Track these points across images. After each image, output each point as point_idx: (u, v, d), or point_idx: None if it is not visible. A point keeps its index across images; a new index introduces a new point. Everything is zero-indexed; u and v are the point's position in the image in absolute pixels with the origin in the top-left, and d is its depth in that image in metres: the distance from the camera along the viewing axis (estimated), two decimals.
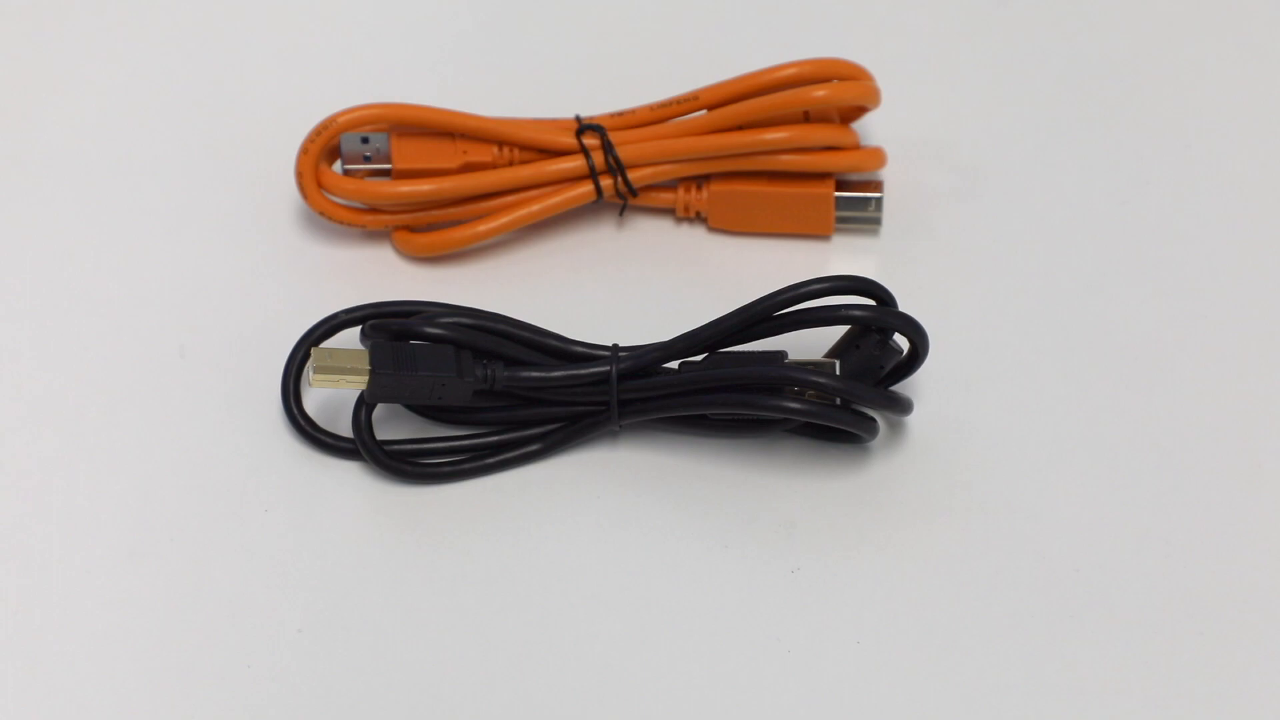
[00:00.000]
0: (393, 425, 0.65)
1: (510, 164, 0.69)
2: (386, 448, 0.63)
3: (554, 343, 0.64)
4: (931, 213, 0.70)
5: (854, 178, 0.69)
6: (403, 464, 0.63)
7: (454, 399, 0.63)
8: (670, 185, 0.70)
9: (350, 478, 0.64)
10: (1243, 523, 0.63)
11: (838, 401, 0.62)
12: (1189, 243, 0.70)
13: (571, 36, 0.76)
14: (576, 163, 0.68)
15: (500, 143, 0.68)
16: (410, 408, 0.65)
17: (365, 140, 0.68)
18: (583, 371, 0.63)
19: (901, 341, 0.63)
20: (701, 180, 0.69)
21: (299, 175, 0.68)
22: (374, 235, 0.69)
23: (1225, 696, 0.59)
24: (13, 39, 0.75)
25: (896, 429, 0.65)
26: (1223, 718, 0.59)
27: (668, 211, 0.70)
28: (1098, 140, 0.72)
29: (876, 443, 0.64)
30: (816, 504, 0.63)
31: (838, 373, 0.63)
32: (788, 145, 0.68)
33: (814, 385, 0.61)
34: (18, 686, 0.59)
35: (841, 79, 0.68)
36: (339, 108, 0.68)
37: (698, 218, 0.70)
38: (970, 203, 0.71)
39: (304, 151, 0.68)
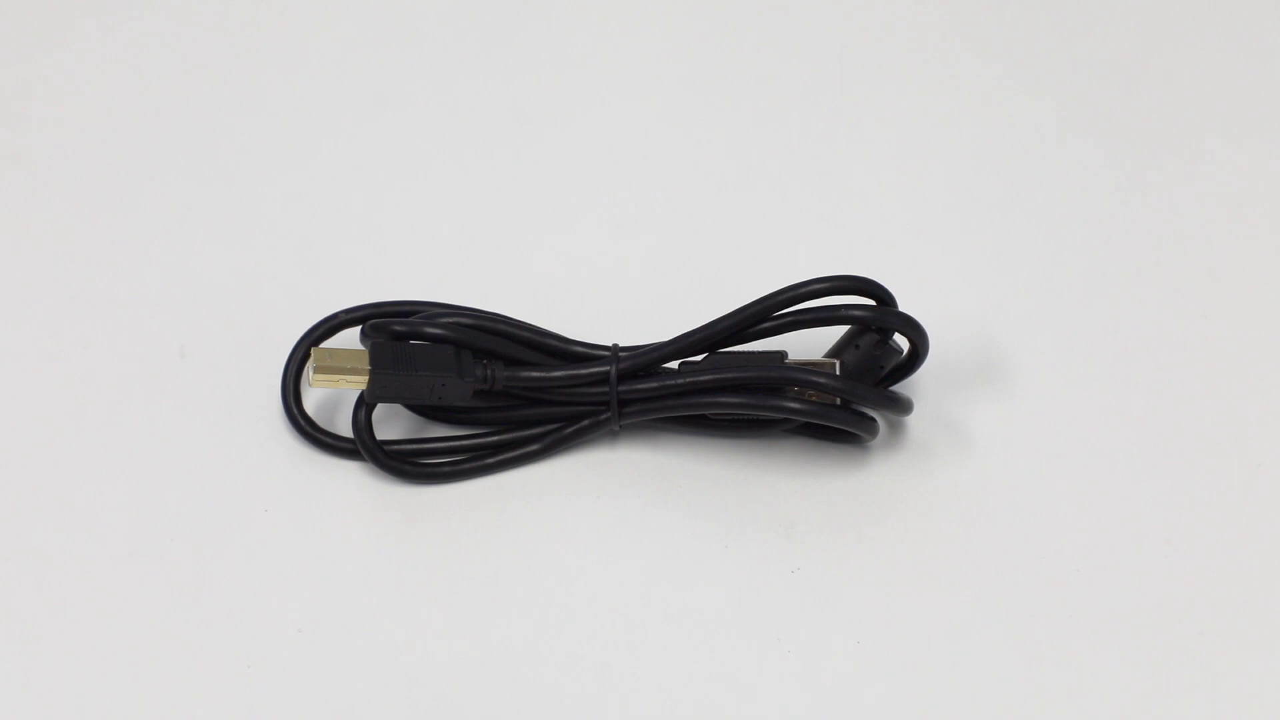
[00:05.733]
0: (393, 425, 0.65)
1: None
2: (386, 448, 0.63)
3: (554, 343, 0.64)
4: (931, 213, 0.70)
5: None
6: (403, 464, 0.63)
7: (454, 399, 0.63)
8: None
9: (350, 478, 0.64)
10: (1243, 523, 0.63)
11: (838, 401, 0.62)
12: (1189, 243, 0.70)
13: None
14: None
15: None
16: (410, 408, 0.65)
17: None
18: (583, 371, 0.63)
19: (901, 341, 0.63)
20: None
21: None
22: (373, 235, 0.69)
23: (1225, 696, 0.59)
24: (13, 38, 0.75)
25: (896, 429, 0.65)
26: (1223, 718, 0.59)
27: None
28: (1098, 140, 0.72)
29: (876, 443, 0.64)
30: (816, 504, 0.63)
31: (838, 373, 0.63)
32: None
33: (814, 385, 0.61)
34: (18, 686, 0.59)
35: None
36: None
37: None
38: (970, 202, 0.71)
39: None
